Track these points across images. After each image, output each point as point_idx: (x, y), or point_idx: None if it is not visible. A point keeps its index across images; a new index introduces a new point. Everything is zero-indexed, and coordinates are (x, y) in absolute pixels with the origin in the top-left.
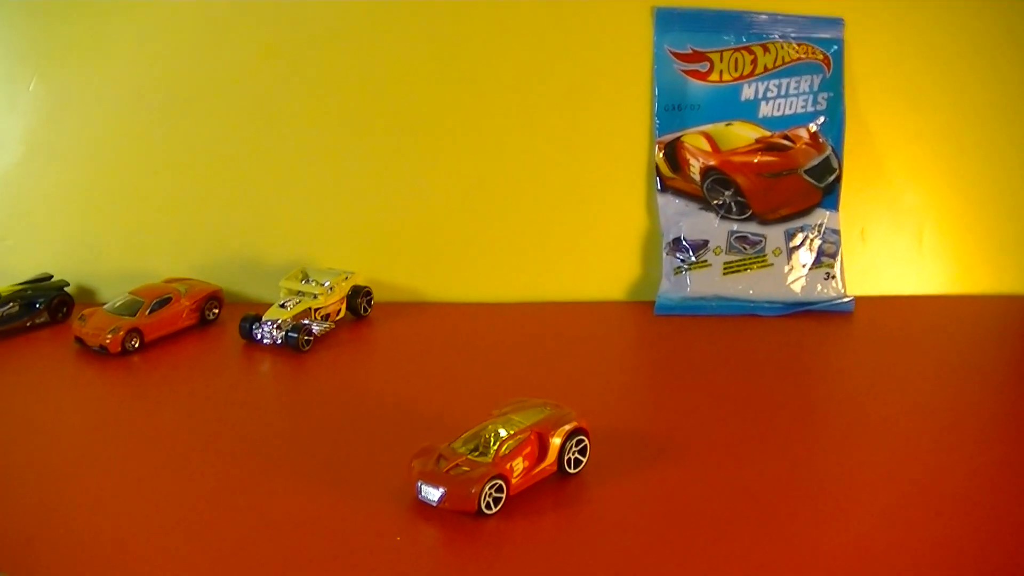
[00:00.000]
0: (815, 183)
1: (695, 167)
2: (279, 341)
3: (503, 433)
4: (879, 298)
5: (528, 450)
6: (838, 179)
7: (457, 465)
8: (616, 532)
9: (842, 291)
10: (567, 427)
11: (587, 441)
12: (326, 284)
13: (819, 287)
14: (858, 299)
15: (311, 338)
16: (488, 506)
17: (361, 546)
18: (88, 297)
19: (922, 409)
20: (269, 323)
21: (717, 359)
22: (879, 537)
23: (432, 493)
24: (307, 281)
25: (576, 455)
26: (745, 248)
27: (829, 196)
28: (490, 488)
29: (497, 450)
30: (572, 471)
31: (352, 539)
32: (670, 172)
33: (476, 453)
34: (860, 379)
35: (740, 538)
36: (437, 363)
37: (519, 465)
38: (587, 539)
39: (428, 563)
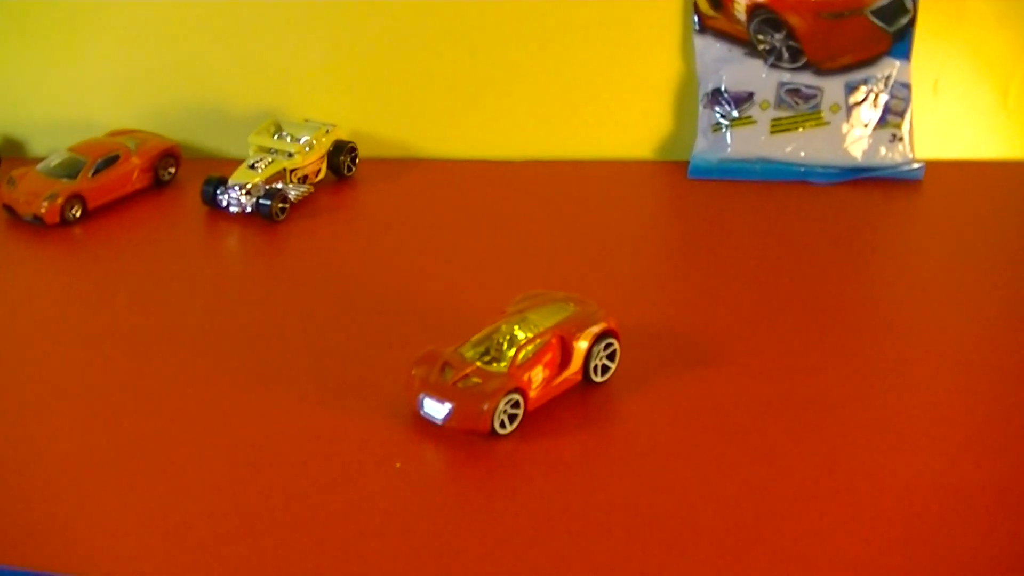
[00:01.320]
0: (883, 26)
1: (740, 4)
2: (248, 209)
3: (520, 336)
4: (954, 163)
5: (549, 357)
6: (911, 22)
7: (466, 376)
8: (650, 453)
9: (910, 155)
10: (595, 329)
11: (617, 345)
12: (303, 139)
13: (883, 150)
14: (929, 165)
15: (286, 205)
16: (503, 425)
17: (351, 473)
18: (15, 152)
19: (1003, 298)
20: (236, 187)
21: (761, 234)
22: (953, 463)
23: (437, 409)
24: (281, 136)
25: (604, 361)
26: (797, 103)
27: (899, 42)
28: (505, 404)
29: (513, 357)
30: (599, 379)
31: (340, 464)
32: (710, 10)
33: (488, 360)
34: (929, 260)
35: (791, 458)
36: (437, 236)
37: (538, 375)
38: (617, 462)
39: (431, 494)
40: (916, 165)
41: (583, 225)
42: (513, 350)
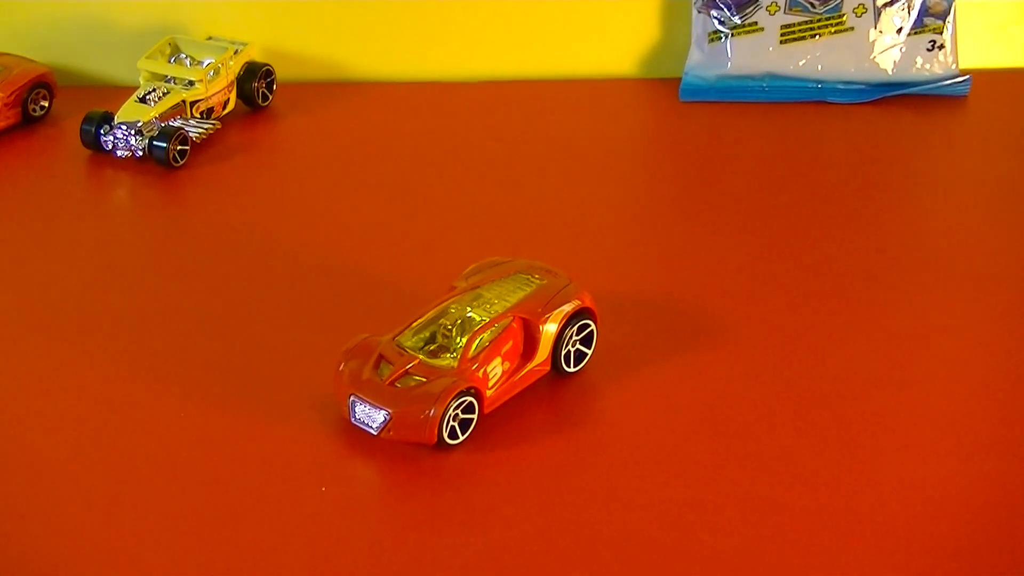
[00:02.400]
0: None
1: None
2: (140, 152)
3: (473, 319)
4: (1005, 74)
5: (509, 345)
6: None
7: (407, 372)
8: (638, 462)
9: (953, 66)
10: (566, 308)
11: (594, 327)
12: (206, 63)
13: (919, 61)
14: (976, 76)
15: (186, 147)
16: (453, 434)
17: (260, 497)
18: None
19: None
20: (124, 126)
21: (768, 170)
22: (1001, 467)
23: (371, 416)
24: (178, 59)
25: (578, 347)
26: (813, 5)
27: None
28: (456, 407)
29: (464, 347)
30: (572, 369)
31: (246, 485)
32: None
33: (433, 351)
34: (976, 195)
35: (804, 462)
36: (372, 184)
37: (497, 369)
38: (596, 475)
39: (364, 525)
40: (961, 79)
41: (551, 166)
42: (464, 338)
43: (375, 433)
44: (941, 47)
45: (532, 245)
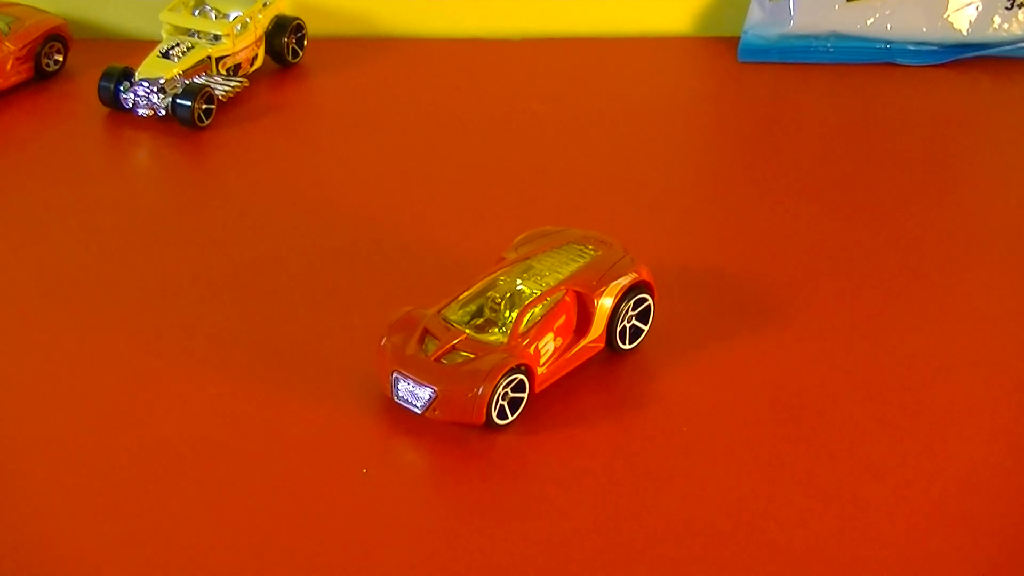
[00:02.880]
0: None
1: None
2: (162, 111)
3: (524, 293)
4: None
5: (562, 319)
6: None
7: (453, 348)
8: (697, 448)
9: None
10: (623, 280)
11: (651, 301)
12: (232, 16)
13: (997, 21)
14: None
15: (212, 106)
16: (502, 413)
17: (301, 480)
18: None
19: None
20: (146, 83)
21: (834, 136)
22: None
23: (416, 394)
24: (203, 11)
25: (635, 323)
26: None
27: None
28: (506, 386)
29: (515, 322)
30: (628, 347)
31: (285, 467)
32: None
33: (481, 325)
34: None
35: (881, 446)
36: (412, 147)
37: (548, 345)
38: (654, 460)
39: (408, 509)
40: None
41: (600, 131)
42: (515, 312)
43: (419, 412)
44: (1021, 5)
45: (584, 214)
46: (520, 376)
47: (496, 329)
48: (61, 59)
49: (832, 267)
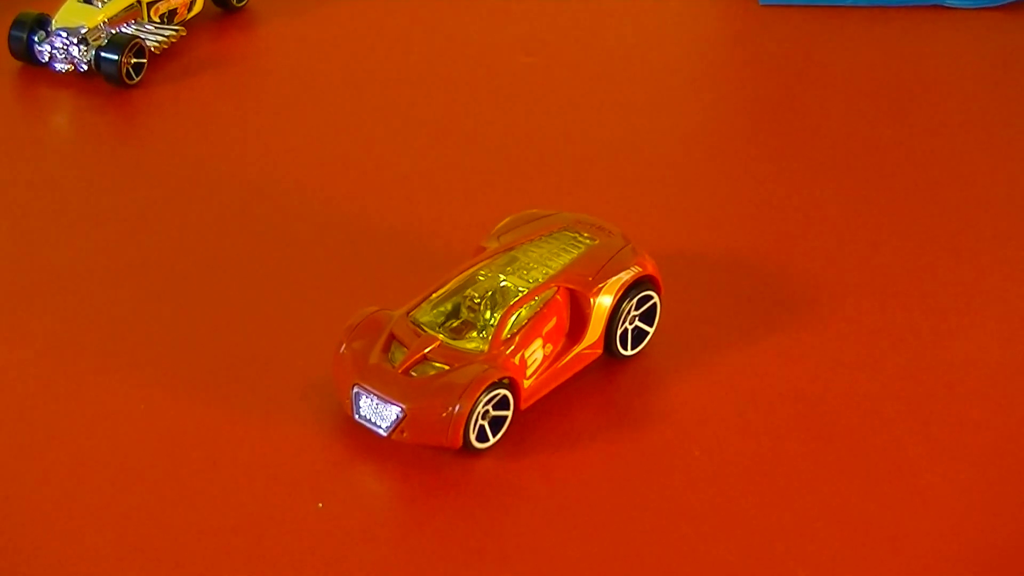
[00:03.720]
0: None
1: None
2: (84, 66)
3: (507, 290)
4: None
5: (552, 322)
6: None
7: (424, 358)
8: (711, 469)
9: None
10: (624, 276)
11: (657, 298)
12: None
13: None
14: None
15: (143, 61)
16: (482, 435)
17: (243, 514)
18: None
19: None
20: (64, 33)
21: (871, 92)
22: None
23: (380, 412)
24: None
25: (638, 324)
26: None
27: None
28: (487, 402)
29: (497, 327)
30: (629, 352)
31: (226, 498)
32: None
33: (458, 328)
34: None
35: (923, 466)
36: (374, 106)
37: (537, 353)
38: (660, 486)
39: (370, 552)
40: None
41: (599, 89)
42: (497, 314)
43: (384, 434)
44: None
45: (579, 194)
46: (503, 391)
47: (475, 334)
48: None
49: (869, 254)
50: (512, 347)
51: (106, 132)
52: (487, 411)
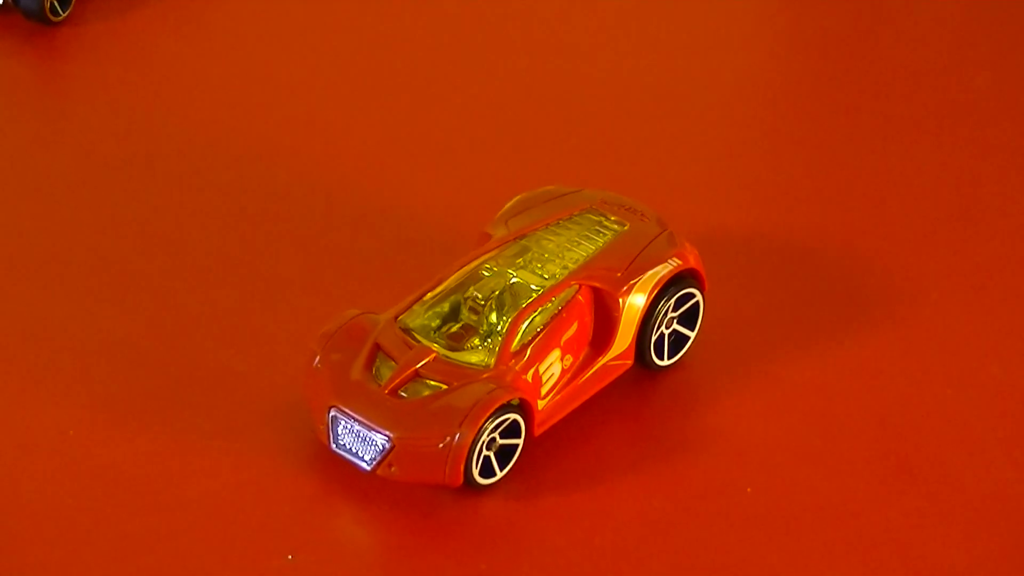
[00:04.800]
0: None
1: None
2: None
3: (518, 288)
4: None
5: (573, 328)
6: None
7: (418, 375)
8: (767, 507)
9: None
10: (660, 270)
11: (700, 297)
12: None
13: None
14: None
15: None
16: (487, 470)
17: (199, 571)
18: None
19: None
20: None
21: (951, 32)
22: None
23: (363, 442)
24: None
25: (677, 328)
26: None
27: None
28: (493, 430)
29: (506, 335)
30: (666, 362)
31: (175, 549)
32: None
33: (456, 336)
34: None
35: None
36: (357, 54)
37: (554, 367)
38: (706, 530)
39: None
40: None
41: (635, 43)
42: (506, 319)
43: (368, 468)
44: None
45: (606, 167)
46: (513, 415)
47: (477, 342)
48: None
49: (963, 240)
50: (524, 360)
51: (25, 80)
52: (493, 440)
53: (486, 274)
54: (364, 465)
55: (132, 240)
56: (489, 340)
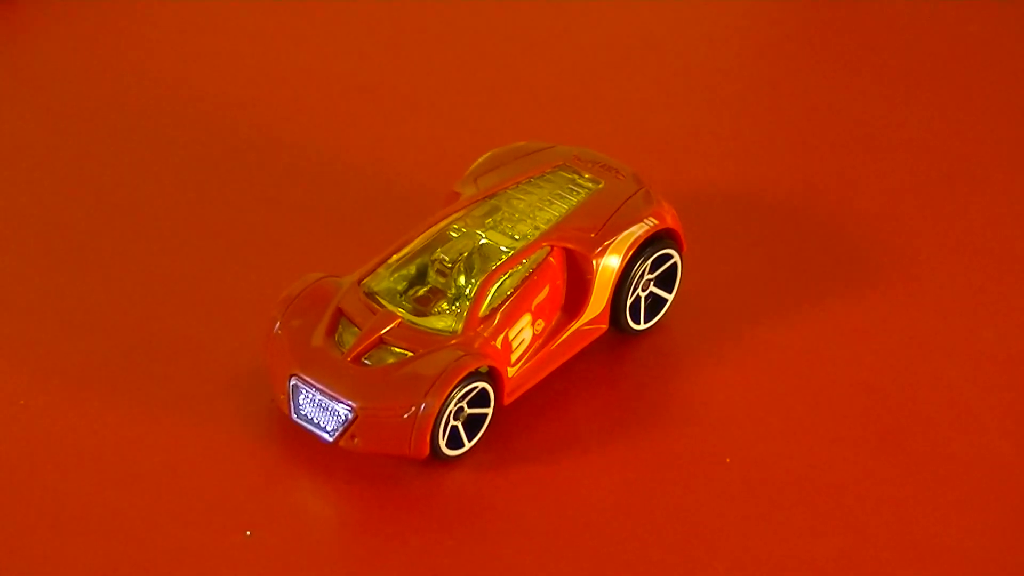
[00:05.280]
0: None
1: None
2: None
3: (488, 250)
4: None
5: (545, 292)
6: None
7: (382, 341)
8: (747, 481)
9: None
10: (636, 230)
11: (678, 257)
12: None
13: None
14: None
15: None
16: (455, 440)
17: (155, 545)
18: None
19: None
20: None
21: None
22: None
23: (325, 412)
24: None
25: (654, 290)
26: None
27: None
28: (461, 399)
29: (474, 299)
30: (642, 326)
31: (131, 522)
32: None
33: (423, 300)
34: None
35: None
36: (323, 4)
37: (525, 333)
38: (682, 505)
39: None
40: None
41: None
42: (474, 282)
43: (330, 439)
44: None
45: (580, 122)
46: (482, 384)
47: (445, 305)
48: None
49: (952, 196)
50: (493, 326)
51: None
52: (461, 409)
53: (454, 235)
54: (326, 436)
55: (83, 200)
56: (457, 304)
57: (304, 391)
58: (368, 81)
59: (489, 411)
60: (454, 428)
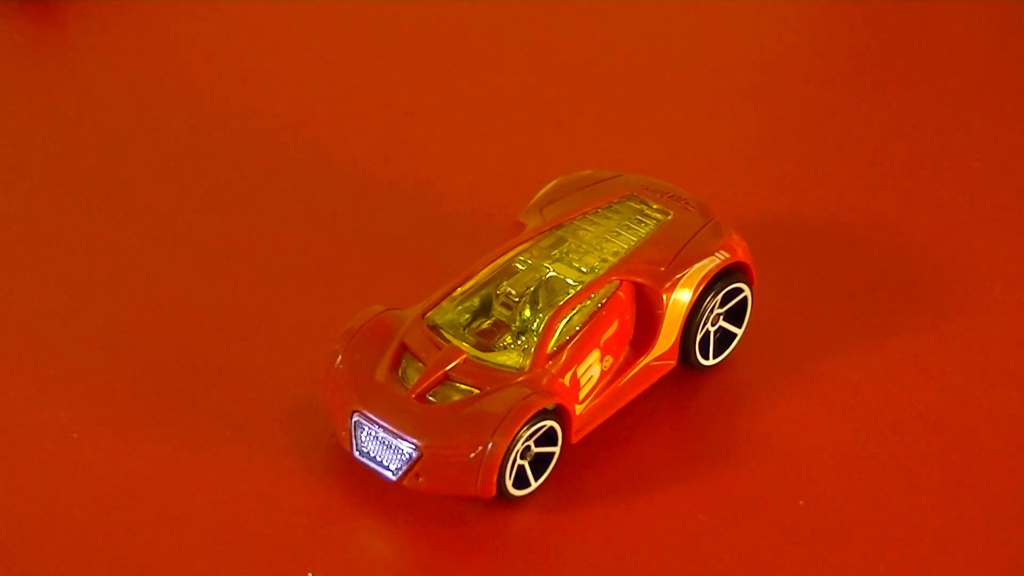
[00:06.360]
0: None
1: None
2: None
3: (554, 283)
4: None
5: (613, 327)
6: None
7: (447, 378)
8: (822, 522)
9: None
10: (707, 264)
11: (749, 292)
12: None
13: None
14: None
15: None
16: (522, 480)
17: None
18: None
19: None
20: None
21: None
22: None
23: (388, 450)
24: None
25: (724, 325)
26: None
27: None
28: (528, 438)
29: (542, 335)
30: (711, 362)
31: (186, 564)
32: None
33: (487, 333)
34: None
35: None
36: (380, 23)
37: (593, 369)
38: (760, 546)
39: None
40: None
41: (679, 20)
42: (541, 318)
43: (394, 478)
44: None
45: (647, 150)
46: (550, 422)
47: (509, 339)
48: None
49: (1017, 225)
50: (561, 362)
51: (21, 50)
52: (528, 448)
53: (520, 267)
54: (389, 475)
55: (135, 224)
56: (523, 338)
57: (367, 428)
58: (429, 109)
59: (557, 450)
60: (521, 467)
